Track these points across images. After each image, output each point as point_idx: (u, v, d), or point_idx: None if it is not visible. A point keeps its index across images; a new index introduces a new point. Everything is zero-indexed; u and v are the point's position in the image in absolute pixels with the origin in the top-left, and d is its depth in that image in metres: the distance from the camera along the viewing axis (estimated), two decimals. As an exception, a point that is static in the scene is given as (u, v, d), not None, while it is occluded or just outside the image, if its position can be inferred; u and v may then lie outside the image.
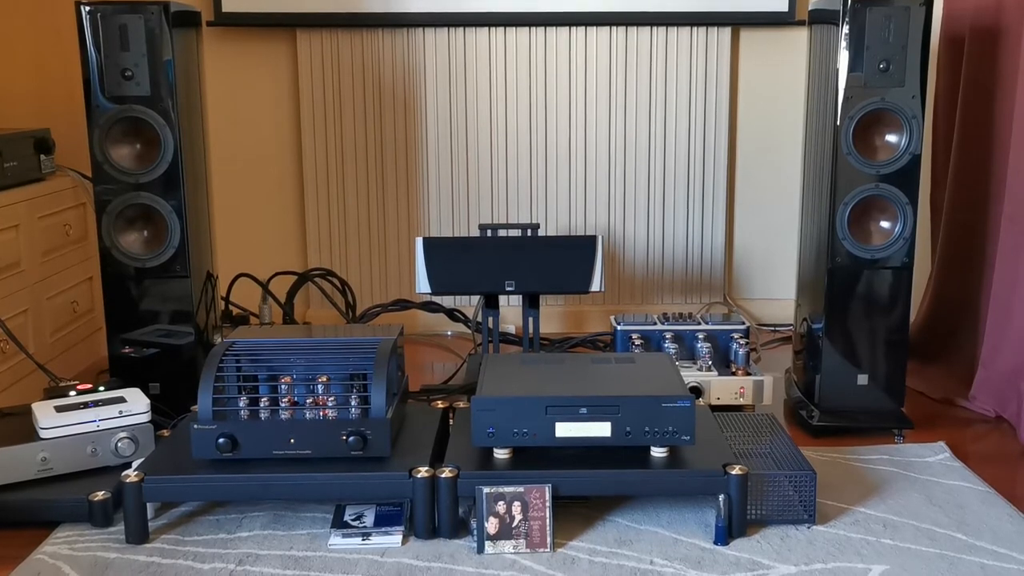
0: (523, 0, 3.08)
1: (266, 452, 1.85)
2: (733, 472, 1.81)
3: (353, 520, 1.88)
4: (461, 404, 2.19)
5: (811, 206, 2.44)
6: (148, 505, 1.85)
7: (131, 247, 2.34)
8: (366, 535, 1.84)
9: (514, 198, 3.23)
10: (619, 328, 2.57)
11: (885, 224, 2.31)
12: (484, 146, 3.20)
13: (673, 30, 3.14)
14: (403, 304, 3.10)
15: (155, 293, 2.35)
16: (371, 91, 3.16)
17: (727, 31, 3.15)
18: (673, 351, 2.51)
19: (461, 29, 3.13)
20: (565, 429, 1.84)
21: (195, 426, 1.84)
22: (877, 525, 1.88)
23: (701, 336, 2.54)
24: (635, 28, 3.14)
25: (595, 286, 2.55)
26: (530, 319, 2.65)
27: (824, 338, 2.35)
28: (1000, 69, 2.57)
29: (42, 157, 2.70)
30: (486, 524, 1.79)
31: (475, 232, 3.19)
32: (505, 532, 1.79)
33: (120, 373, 2.36)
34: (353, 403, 1.89)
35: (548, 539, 1.79)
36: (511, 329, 3.18)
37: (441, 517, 1.83)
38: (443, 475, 1.81)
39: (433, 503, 1.82)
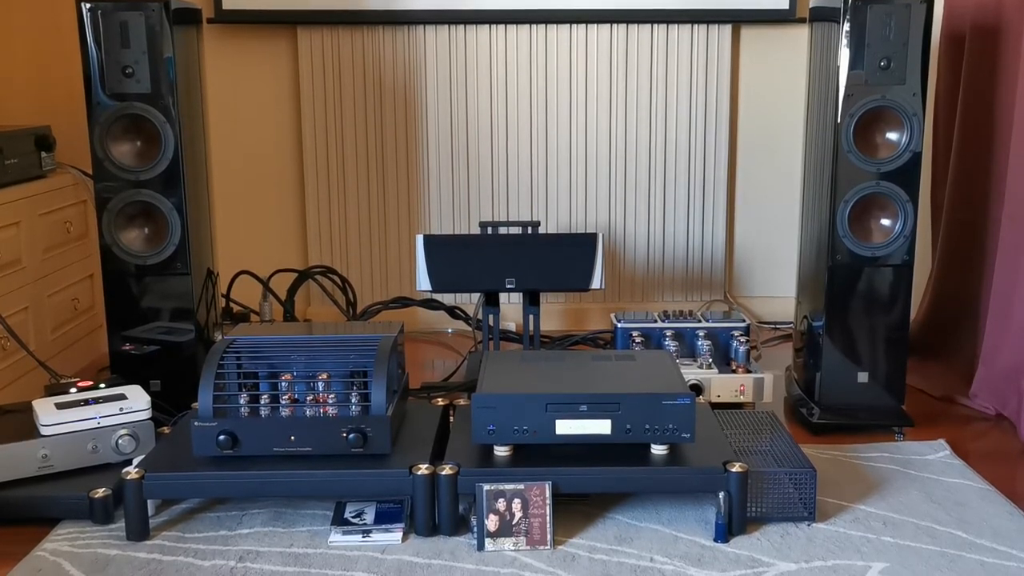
0: (524, -3, 3.09)
1: (266, 449, 1.86)
2: (733, 470, 1.81)
3: (353, 517, 1.89)
4: (461, 401, 2.19)
5: (812, 204, 2.44)
6: (149, 502, 1.85)
7: (132, 244, 2.34)
8: (366, 532, 1.84)
9: (515, 196, 3.23)
10: (619, 326, 2.57)
11: (886, 222, 2.31)
12: (485, 144, 3.20)
13: (674, 28, 3.14)
14: (403, 301, 3.11)
15: (156, 290, 2.35)
16: (372, 88, 3.16)
17: (728, 29, 3.15)
18: (673, 349, 2.51)
19: (462, 27, 3.13)
20: (565, 426, 1.84)
21: (195, 423, 1.84)
22: (877, 523, 1.89)
23: (701, 334, 2.54)
24: (636, 26, 3.14)
25: (595, 284, 2.56)
26: (530, 317, 2.65)
27: (824, 336, 2.35)
28: (1001, 67, 2.56)
29: (43, 154, 2.70)
30: (486, 521, 1.79)
31: (475, 230, 3.19)
32: (505, 529, 1.79)
33: (121, 370, 2.36)
34: (353, 400, 1.89)
35: (548, 536, 1.79)
36: (511, 327, 3.18)
37: (441, 514, 1.83)
38: (443, 472, 1.81)
39: (433, 500, 1.82)
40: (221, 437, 1.83)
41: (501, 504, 1.79)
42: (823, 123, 2.34)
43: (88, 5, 2.24)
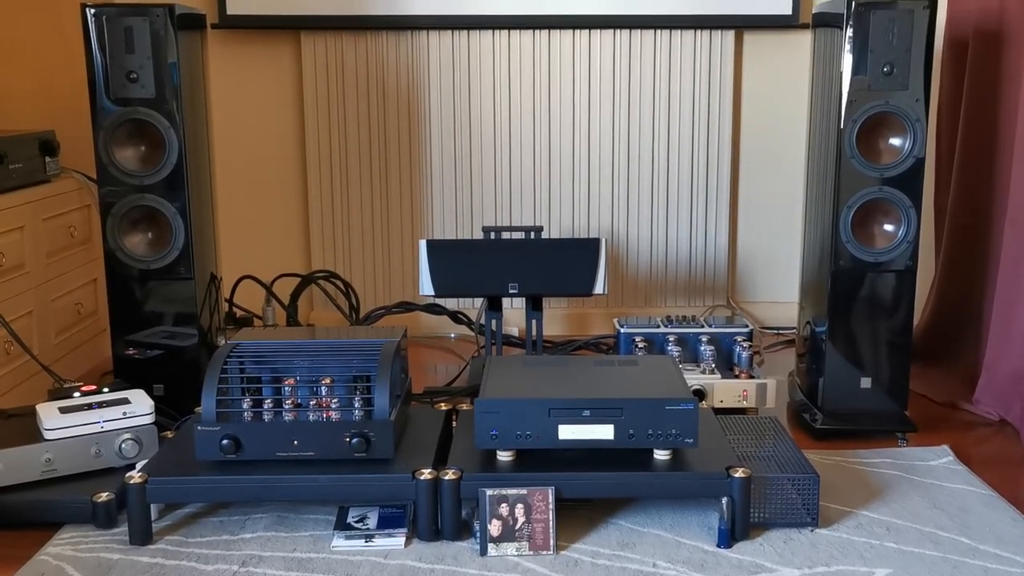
0: (527, 3, 3.09)
1: (269, 454, 1.86)
2: (736, 475, 1.81)
3: (356, 522, 1.89)
4: (464, 406, 2.20)
5: (814, 209, 2.44)
6: (152, 506, 1.86)
7: (135, 249, 2.34)
8: (369, 537, 1.84)
9: (518, 200, 3.24)
10: (622, 331, 2.57)
11: (888, 227, 2.31)
12: (488, 149, 3.21)
13: (677, 33, 3.15)
14: (406, 306, 3.11)
15: (159, 295, 2.36)
16: (375, 93, 3.16)
17: (731, 34, 3.15)
18: (676, 354, 2.51)
19: (465, 32, 3.14)
20: (568, 431, 1.84)
21: (199, 427, 1.85)
22: (880, 528, 1.88)
23: (704, 339, 2.54)
24: (639, 31, 3.14)
25: (598, 288, 2.56)
26: (533, 321, 2.65)
27: (827, 341, 2.35)
28: (1003, 72, 2.57)
29: (47, 159, 2.71)
30: (489, 526, 1.79)
31: (479, 234, 3.19)
32: (508, 534, 1.79)
33: (124, 374, 2.37)
34: (356, 405, 1.89)
35: (551, 541, 1.79)
36: (514, 331, 3.18)
37: (444, 519, 1.83)
38: (446, 477, 1.81)
39: (436, 505, 1.82)
40: (224, 441, 1.84)
41: (504, 509, 1.79)
42: (826, 128, 2.34)
43: (93, 10, 2.25)
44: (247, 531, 1.89)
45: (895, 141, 2.27)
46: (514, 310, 3.22)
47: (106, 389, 2.13)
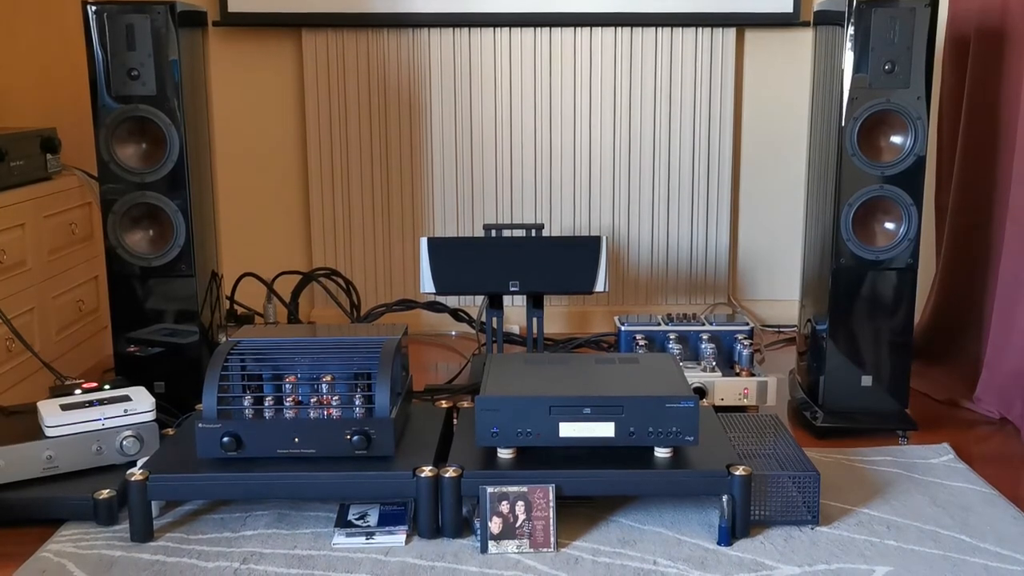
0: (528, 1, 3.09)
1: (270, 451, 1.86)
2: (736, 473, 1.81)
3: (357, 519, 1.89)
4: (465, 404, 2.20)
5: (815, 207, 2.44)
6: (153, 503, 1.86)
7: (136, 246, 2.34)
8: (370, 534, 1.84)
9: (519, 198, 3.24)
10: (623, 329, 2.57)
11: (889, 225, 2.31)
12: (489, 146, 3.21)
13: (678, 31, 3.15)
14: (407, 304, 3.11)
15: (160, 292, 2.36)
16: (376, 91, 3.16)
17: (732, 32, 3.15)
18: (677, 352, 2.51)
19: (467, 29, 3.13)
20: (569, 429, 1.84)
21: (200, 425, 1.85)
22: (881, 526, 1.89)
23: (705, 337, 2.54)
24: (640, 29, 3.14)
25: (599, 286, 2.56)
26: (534, 319, 2.65)
27: (828, 339, 2.35)
28: (1005, 70, 2.56)
29: (48, 156, 2.71)
30: (489, 524, 1.79)
31: (480, 232, 3.20)
32: (508, 532, 1.79)
33: (125, 372, 2.37)
34: (357, 402, 1.89)
35: (552, 539, 1.80)
36: (515, 329, 3.18)
37: (445, 517, 1.83)
38: (447, 475, 1.81)
39: (437, 502, 1.82)
40: (225, 439, 1.84)
41: (504, 506, 1.79)
42: (827, 126, 2.34)
43: (94, 8, 2.25)
44: (248, 528, 1.89)
45: (896, 139, 2.27)
46: (515, 308, 3.22)
47: (107, 386, 2.13)
